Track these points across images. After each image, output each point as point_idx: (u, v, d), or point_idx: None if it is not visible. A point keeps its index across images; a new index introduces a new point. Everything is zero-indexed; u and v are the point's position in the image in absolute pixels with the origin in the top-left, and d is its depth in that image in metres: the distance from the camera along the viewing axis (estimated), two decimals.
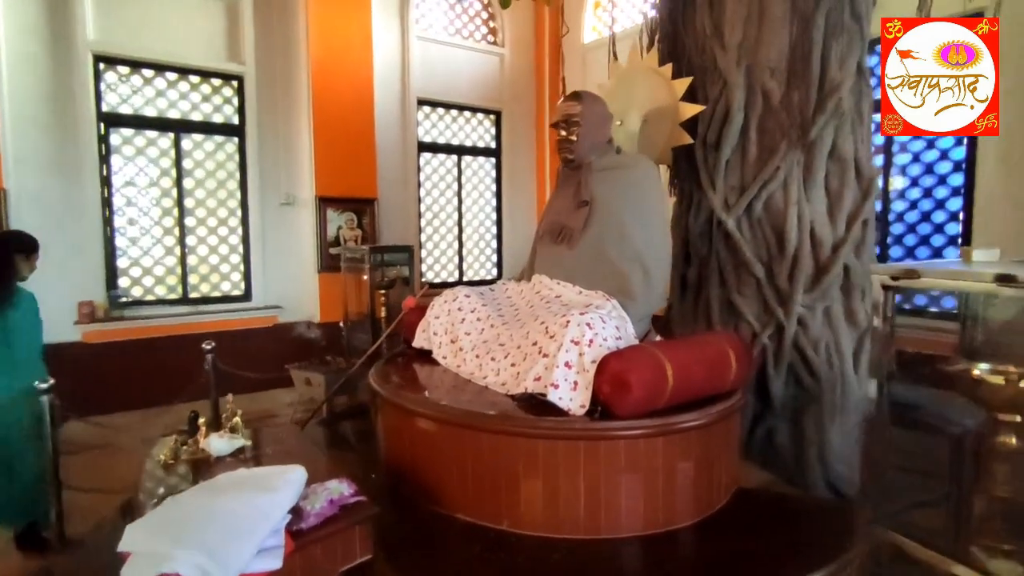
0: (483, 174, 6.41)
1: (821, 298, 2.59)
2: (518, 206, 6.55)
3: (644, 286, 2.09)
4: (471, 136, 6.27)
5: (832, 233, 2.60)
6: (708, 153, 2.72)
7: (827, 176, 2.62)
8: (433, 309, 2.42)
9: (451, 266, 6.24)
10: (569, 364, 1.71)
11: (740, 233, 2.64)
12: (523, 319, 2.13)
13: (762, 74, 2.58)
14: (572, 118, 2.27)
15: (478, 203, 6.41)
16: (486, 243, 6.50)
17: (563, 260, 2.25)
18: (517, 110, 6.42)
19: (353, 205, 5.21)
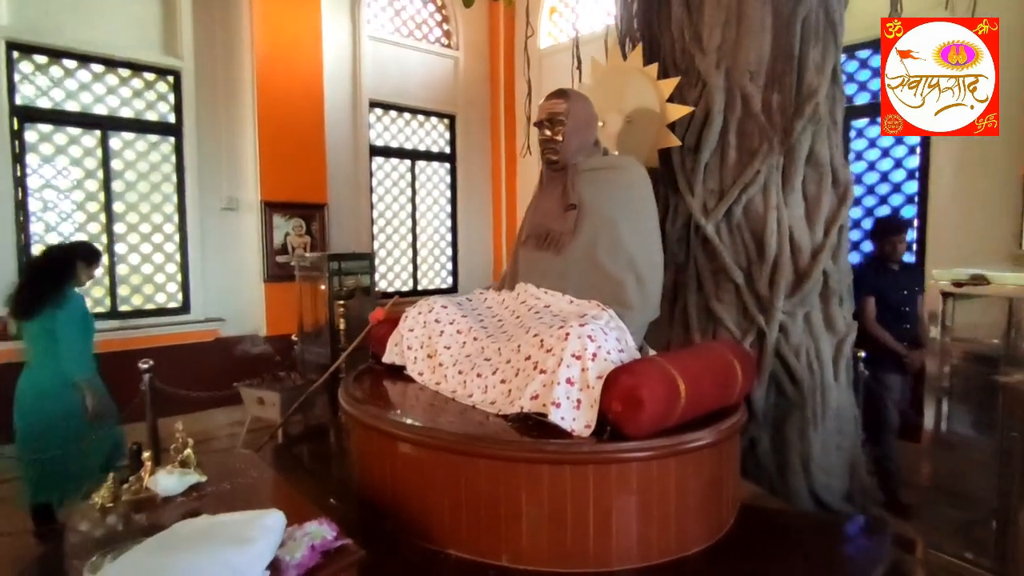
0: (437, 180, 6.27)
1: (801, 304, 2.58)
2: (473, 213, 6.43)
3: (640, 295, 2.01)
4: (425, 140, 6.13)
5: (811, 239, 2.60)
6: (686, 156, 2.68)
7: (804, 181, 2.62)
8: (406, 321, 2.27)
9: (405, 275, 6.07)
10: (571, 380, 1.60)
11: (719, 238, 2.60)
12: (510, 331, 2.01)
13: (741, 77, 2.56)
14: (557, 117, 2.17)
15: (432, 210, 6.26)
16: (440, 251, 6.35)
17: (550, 267, 2.15)
18: (472, 115, 6.32)
19: (301, 211, 4.96)
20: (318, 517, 1.40)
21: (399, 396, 2.10)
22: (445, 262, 6.38)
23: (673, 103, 2.47)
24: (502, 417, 1.73)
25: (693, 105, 2.59)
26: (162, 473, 1.68)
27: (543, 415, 1.63)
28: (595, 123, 2.28)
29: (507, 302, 2.23)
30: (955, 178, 3.67)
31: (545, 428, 1.61)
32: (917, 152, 3.80)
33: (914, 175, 3.84)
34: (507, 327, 2.06)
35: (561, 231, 2.14)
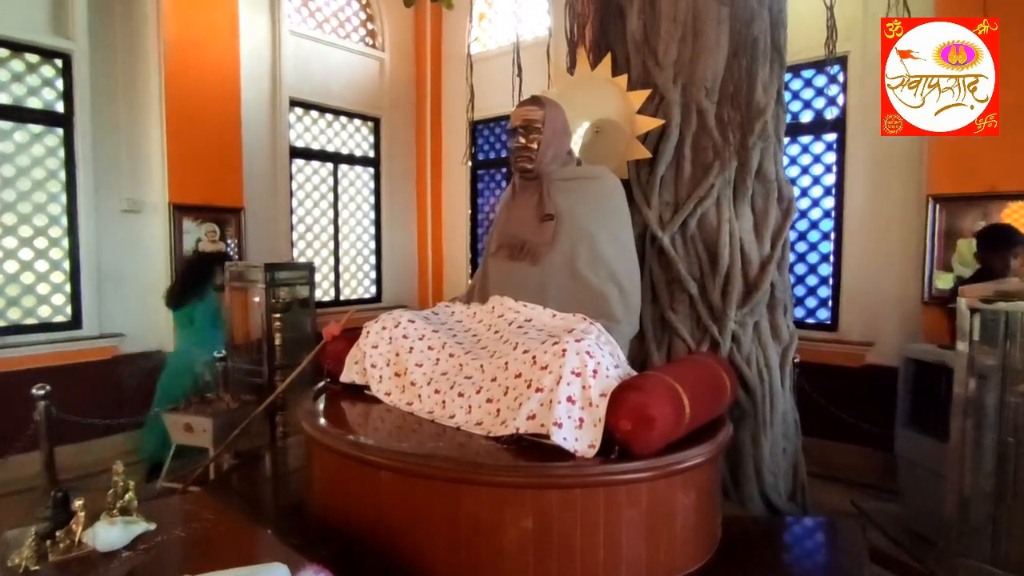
0: (360, 185, 6.07)
1: (751, 314, 2.68)
2: (398, 221, 6.29)
3: (624, 307, 2.02)
4: (348, 143, 5.92)
5: (759, 251, 2.72)
6: (642, 168, 2.73)
7: (753, 196, 2.73)
8: (368, 337, 2.15)
9: (326, 284, 5.81)
10: (572, 399, 1.55)
11: (675, 250, 2.66)
12: (491, 347, 1.94)
13: (698, 93, 2.63)
14: (533, 124, 2.15)
15: (355, 216, 6.05)
16: (364, 259, 6.15)
17: (526, 279, 2.11)
18: (397, 118, 6.18)
19: (215, 215, 4.61)
20: (305, 563, 1.24)
21: (363, 418, 1.98)
22: (369, 271, 6.19)
23: (644, 115, 2.50)
24: (493, 440, 1.65)
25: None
26: (101, 524, 1.44)
27: (541, 436, 1.57)
28: (569, 132, 2.28)
29: (481, 316, 2.16)
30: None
31: (542, 450, 1.55)
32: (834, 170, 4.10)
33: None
34: (486, 343, 1.99)
35: (538, 242, 2.11)
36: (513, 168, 2.26)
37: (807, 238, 4.24)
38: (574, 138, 2.57)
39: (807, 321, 4.21)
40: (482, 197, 6.30)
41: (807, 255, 4.24)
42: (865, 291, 3.98)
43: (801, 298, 4.23)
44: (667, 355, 2.67)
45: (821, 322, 4.20)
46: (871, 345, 3.95)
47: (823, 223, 4.18)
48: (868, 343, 3.96)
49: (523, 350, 1.72)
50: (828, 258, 4.15)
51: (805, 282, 4.25)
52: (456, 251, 6.29)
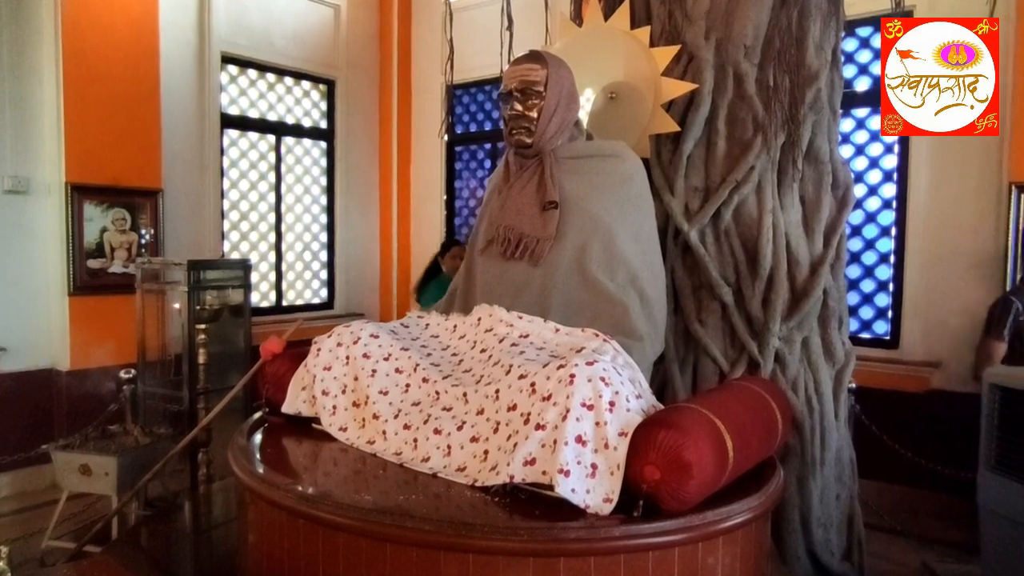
0: (310, 162, 6.01)
1: (798, 328, 2.66)
2: (356, 207, 6.24)
3: (647, 321, 1.99)
4: (295, 111, 5.86)
5: (809, 249, 2.69)
6: (665, 146, 2.68)
7: (802, 181, 2.71)
8: (319, 356, 2.09)
9: (265, 286, 5.74)
10: (583, 439, 1.50)
11: (704, 247, 2.62)
12: (477, 371, 1.89)
13: (736, 51, 2.61)
14: (532, 87, 2.10)
15: (303, 201, 5.98)
16: (313, 255, 6.09)
17: (523, 284, 2.07)
18: (356, 80, 6.13)
19: (125, 198, 4.53)
20: None
21: (311, 460, 1.93)
22: (319, 270, 6.13)
23: (670, 78, 2.48)
24: (481, 491, 1.60)
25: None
26: None
27: (543, 487, 1.52)
28: (577, 98, 2.25)
29: (464, 330, 2.11)
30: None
31: (545, 505, 1.50)
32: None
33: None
34: (470, 365, 1.94)
35: (538, 236, 2.07)
36: (507, 142, 2.22)
37: (862, 233, 4.23)
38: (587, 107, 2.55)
39: (861, 336, 4.20)
40: (461, 179, 6.24)
41: (862, 254, 4.23)
42: (932, 299, 3.97)
43: (854, 307, 4.22)
44: (692, 379, 2.64)
45: (878, 337, 4.19)
46: (937, 366, 3.95)
47: (882, 215, 4.17)
48: (934, 363, 3.96)
49: (519, 375, 1.67)
50: (888, 258, 4.15)
51: (859, 287, 4.24)
52: (429, 247, 6.21)
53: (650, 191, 2.25)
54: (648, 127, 2.50)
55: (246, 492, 1.79)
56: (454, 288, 2.39)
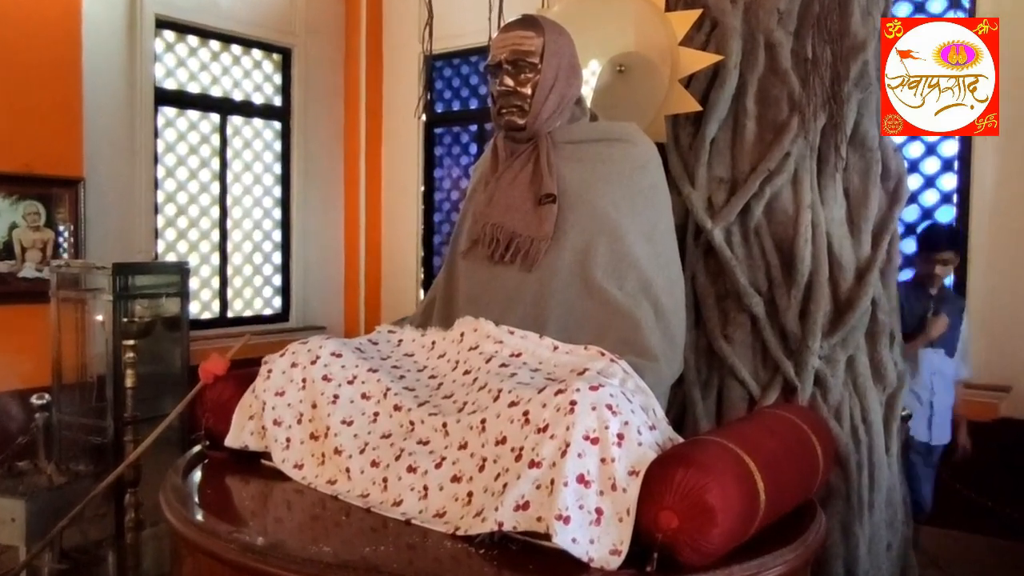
0: (261, 146, 6.03)
1: (843, 345, 2.68)
2: (316, 200, 6.26)
3: (663, 337, 2.00)
4: (244, 85, 5.88)
5: (855, 251, 2.72)
6: (683, 129, 2.70)
7: (847, 170, 2.74)
8: (270, 379, 2.09)
9: (207, 294, 5.75)
10: (585, 479, 1.50)
11: (730, 249, 2.63)
12: (459, 396, 1.89)
13: (768, 17, 2.64)
14: (526, 58, 2.11)
15: (253, 193, 6.00)
16: (264, 257, 6.10)
17: (517, 292, 2.08)
18: (317, 49, 6.17)
19: (39, 188, 4.57)
20: None
21: (260, 503, 1.93)
22: (271, 275, 6.14)
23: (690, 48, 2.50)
24: (464, 540, 1.59)
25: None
26: None
27: (538, 536, 1.52)
28: (580, 71, 2.26)
29: (444, 348, 2.13)
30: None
31: (540, 558, 1.50)
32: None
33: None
34: (452, 390, 1.95)
35: (532, 235, 2.07)
36: (495, 123, 2.23)
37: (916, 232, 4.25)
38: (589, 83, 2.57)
39: None
40: (443, 167, 6.26)
41: None
42: (999, 311, 4.00)
43: None
44: (716, 406, 2.65)
45: None
46: (1007, 390, 3.97)
47: (940, 212, 4.20)
48: (1003, 387, 3.98)
49: (509, 402, 1.67)
50: None
51: None
52: (403, 247, 6.25)
53: (666, 182, 2.26)
54: (664, 106, 2.51)
55: (181, 542, 1.78)
56: (432, 297, 2.38)
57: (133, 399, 3.49)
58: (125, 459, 2.85)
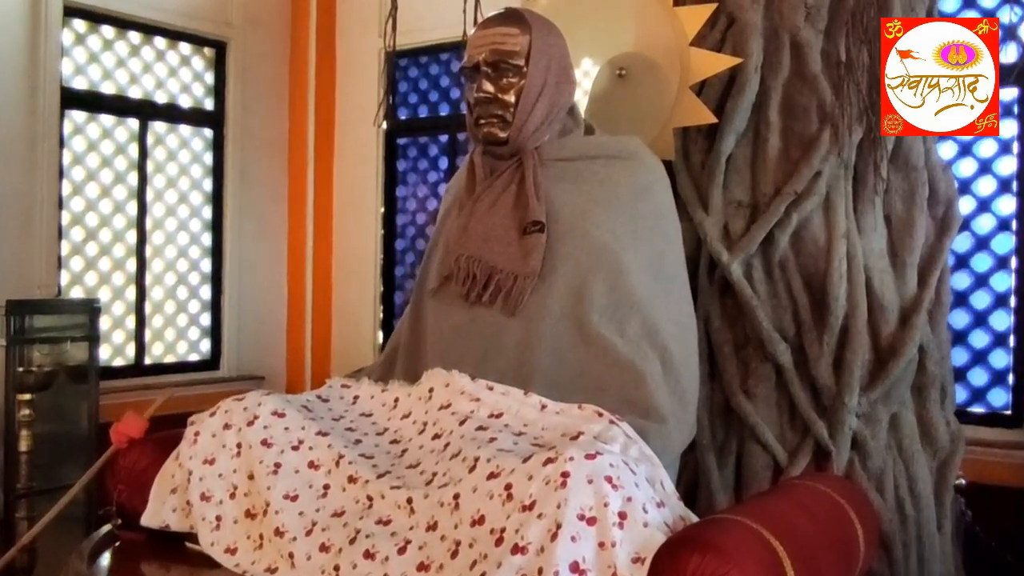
0: (189, 158, 6.00)
1: (884, 401, 2.71)
2: (254, 224, 6.24)
3: (671, 393, 2.01)
4: (169, 85, 5.87)
5: (898, 289, 2.76)
6: (694, 144, 2.75)
7: (888, 193, 2.77)
8: (197, 443, 2.08)
9: (120, 336, 5.68)
10: (580, 567, 1.49)
11: (751, 286, 2.66)
12: (426, 466, 1.89)
13: (793, 13, 2.70)
14: (509, 59, 2.13)
15: (178, 214, 5.96)
16: (191, 292, 6.05)
17: (497, 340, 2.10)
18: (257, 43, 6.17)
19: None
20: None
21: None
22: (198, 314, 6.09)
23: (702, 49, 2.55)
24: None
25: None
26: None
27: None
28: (572, 75, 2.29)
29: (408, 406, 2.12)
30: None
31: None
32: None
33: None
34: (418, 458, 1.94)
35: (516, 271, 2.09)
36: (472, 136, 2.25)
37: (971, 266, 4.30)
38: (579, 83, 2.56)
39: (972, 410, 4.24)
40: (407, 185, 6.27)
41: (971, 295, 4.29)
42: None
43: (961, 370, 4.26)
44: (735, 476, 2.67)
45: (995, 411, 4.22)
46: None
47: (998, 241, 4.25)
48: None
49: (488, 473, 1.66)
50: (1006, 301, 4.21)
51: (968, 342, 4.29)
52: (359, 280, 6.25)
53: (675, 207, 2.29)
54: (672, 117, 2.54)
55: None
56: (395, 345, 2.39)
57: (28, 466, 3.48)
58: (17, 541, 2.79)
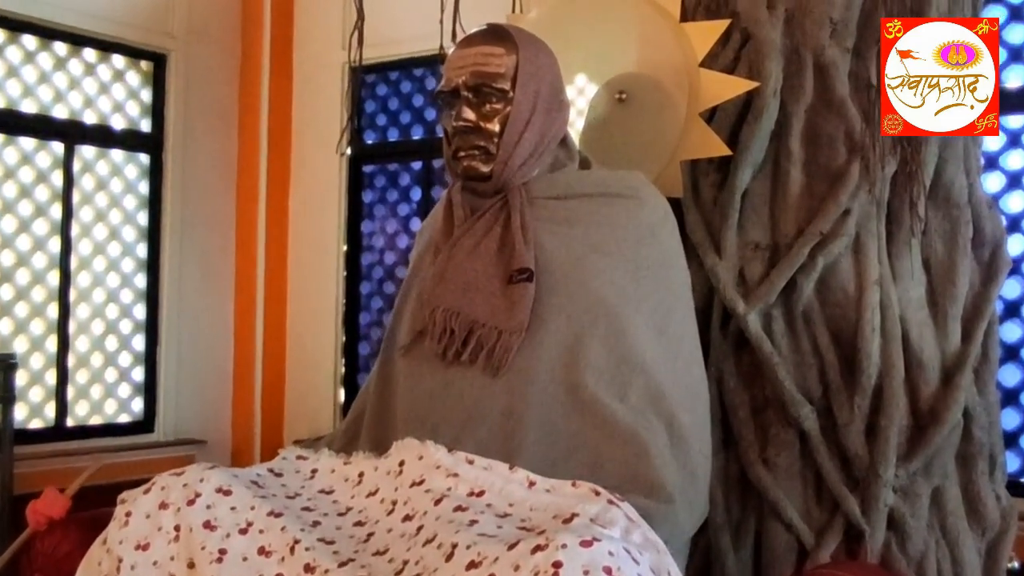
0: (121, 188, 6.05)
1: (926, 474, 2.70)
2: (196, 263, 6.27)
3: (680, 467, 2.00)
4: (99, 104, 5.92)
5: (939, 344, 2.76)
6: (705, 179, 2.79)
7: (927, 233, 2.78)
8: (129, 524, 2.03)
9: (38, 393, 5.68)
10: None
11: (770, 340, 2.68)
12: (396, 552, 1.86)
13: (816, 30, 2.72)
14: (493, 82, 2.14)
15: (107, 253, 5.98)
16: (121, 343, 6.07)
17: (479, 406, 2.09)
18: (202, 56, 6.26)
19: None
20: None
21: None
22: (129, 368, 6.09)
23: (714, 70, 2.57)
24: None
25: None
26: None
27: None
28: (565, 100, 2.30)
29: (375, 482, 2.11)
30: None
31: None
32: None
33: None
34: (386, 543, 1.92)
35: (501, 326, 2.09)
36: (451, 170, 2.27)
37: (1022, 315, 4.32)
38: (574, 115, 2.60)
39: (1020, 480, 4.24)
40: (372, 219, 6.28)
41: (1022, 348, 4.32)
42: None
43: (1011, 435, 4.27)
44: (753, 562, 2.67)
45: None
46: None
47: None
48: None
49: (468, 562, 1.63)
50: None
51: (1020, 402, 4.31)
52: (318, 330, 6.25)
53: (683, 252, 2.29)
54: (679, 148, 2.56)
55: None
56: (360, 409, 2.38)
57: None
58: None
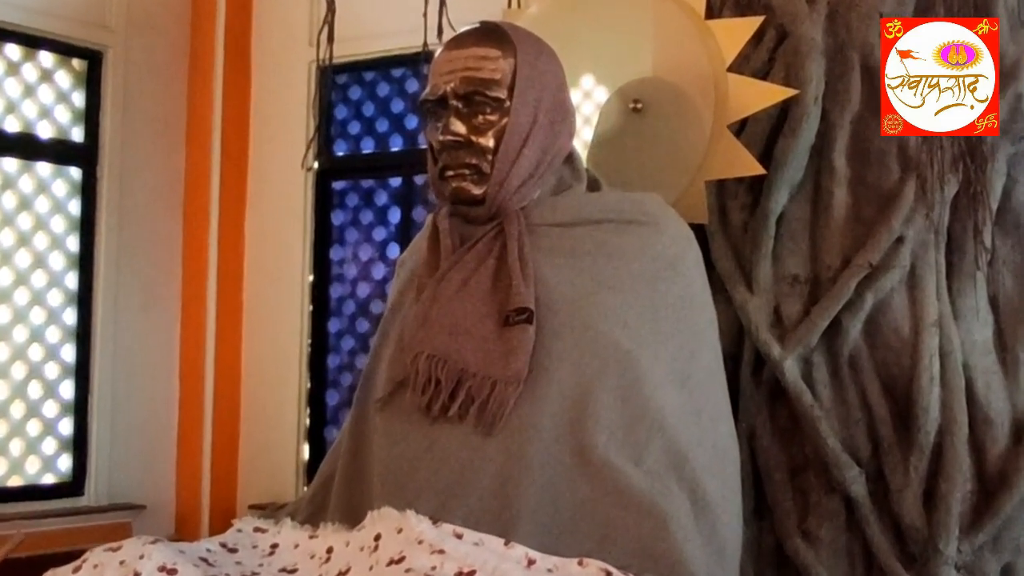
0: (49, 207, 6.08)
1: (995, 547, 2.71)
2: (135, 296, 6.29)
3: (705, 542, 1.99)
4: (23, 109, 5.96)
5: (1009, 395, 2.77)
6: (734, 201, 2.83)
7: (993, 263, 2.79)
8: None
9: None
10: None
11: (811, 390, 2.70)
12: None
13: (864, 28, 2.76)
14: (487, 90, 2.15)
15: (31, 283, 6.00)
16: (47, 389, 6.07)
17: (469, 469, 2.08)
18: (145, 53, 6.30)
19: None
20: None
21: None
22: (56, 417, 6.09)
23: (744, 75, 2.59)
24: None
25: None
26: None
27: None
28: (570, 109, 2.32)
29: (346, 560, 2.06)
30: None
31: None
32: None
33: None
34: None
35: (495, 376, 2.08)
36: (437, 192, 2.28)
37: None
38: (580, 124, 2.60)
39: None
40: (343, 244, 6.30)
41: None
42: None
43: None
44: None
45: None
46: None
47: None
48: None
49: None
50: None
51: None
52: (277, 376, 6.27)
53: (708, 288, 2.29)
54: (704, 166, 2.58)
55: None
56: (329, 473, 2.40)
57: None
58: None
